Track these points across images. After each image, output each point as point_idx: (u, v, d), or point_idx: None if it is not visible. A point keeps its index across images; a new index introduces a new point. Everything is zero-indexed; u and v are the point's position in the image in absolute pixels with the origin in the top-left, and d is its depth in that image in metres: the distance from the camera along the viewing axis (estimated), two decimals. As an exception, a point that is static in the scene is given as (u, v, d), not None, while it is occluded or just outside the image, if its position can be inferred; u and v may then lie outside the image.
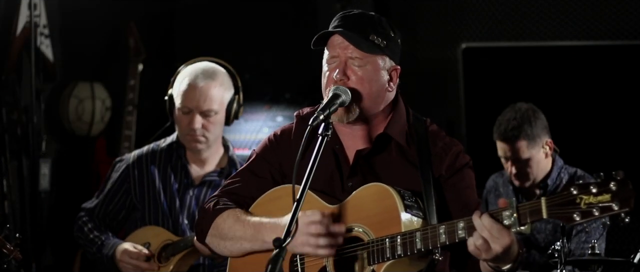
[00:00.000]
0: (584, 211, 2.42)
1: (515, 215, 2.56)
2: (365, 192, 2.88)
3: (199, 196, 4.14)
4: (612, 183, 2.39)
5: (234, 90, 4.16)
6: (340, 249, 2.87)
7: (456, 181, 2.98)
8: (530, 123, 4.41)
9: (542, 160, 4.46)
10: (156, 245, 4.07)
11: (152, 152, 4.22)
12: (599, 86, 5.61)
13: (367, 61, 2.93)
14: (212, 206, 3.08)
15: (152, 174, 4.16)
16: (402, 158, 3.00)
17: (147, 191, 4.15)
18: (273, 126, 5.75)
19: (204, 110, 4.06)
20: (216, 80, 4.09)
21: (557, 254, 3.61)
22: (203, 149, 4.14)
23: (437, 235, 2.70)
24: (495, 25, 5.94)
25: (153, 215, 4.13)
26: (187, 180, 4.16)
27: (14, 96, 5.64)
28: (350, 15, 3.00)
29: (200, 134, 4.09)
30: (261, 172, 3.11)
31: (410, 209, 2.81)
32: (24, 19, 5.52)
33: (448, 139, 3.04)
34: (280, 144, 3.12)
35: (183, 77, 4.13)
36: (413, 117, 3.08)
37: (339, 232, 2.86)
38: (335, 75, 2.93)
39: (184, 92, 4.09)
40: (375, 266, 2.81)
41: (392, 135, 3.00)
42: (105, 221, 4.21)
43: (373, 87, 2.95)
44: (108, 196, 4.21)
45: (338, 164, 3.03)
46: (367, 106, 2.96)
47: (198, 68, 4.13)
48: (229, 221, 3.02)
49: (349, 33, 2.92)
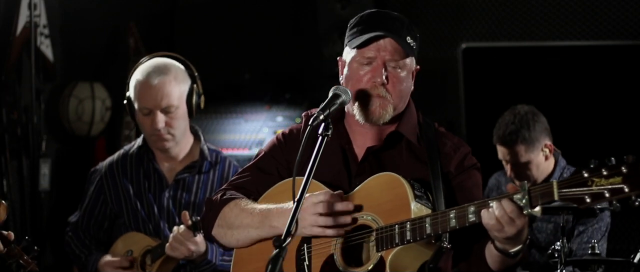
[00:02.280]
0: (595, 193, 2.43)
1: (527, 197, 2.58)
2: (375, 181, 2.90)
3: (175, 196, 4.09)
4: (624, 166, 2.41)
5: (190, 81, 4.07)
6: (348, 236, 2.88)
7: (464, 179, 3.00)
8: (528, 127, 4.39)
9: (541, 163, 4.45)
10: (138, 252, 4.06)
11: (123, 159, 4.17)
12: (599, 86, 5.61)
13: (403, 62, 2.99)
14: (219, 197, 3.10)
15: (125, 181, 4.11)
16: (412, 156, 3.02)
17: (123, 199, 4.11)
18: (273, 126, 5.75)
19: (164, 107, 3.98)
20: (169, 74, 4.00)
21: (557, 254, 3.62)
22: (171, 146, 4.07)
23: (447, 220, 2.72)
24: (495, 25, 5.94)
25: (133, 221, 4.09)
26: (160, 182, 4.10)
27: (14, 96, 5.64)
28: (387, 16, 3.03)
29: (165, 132, 4.01)
30: (268, 168, 3.12)
31: (419, 198, 2.83)
32: (24, 19, 5.52)
33: (457, 140, 3.08)
34: (289, 142, 3.13)
35: (136, 78, 4.05)
36: (423, 118, 3.12)
37: (347, 211, 2.87)
38: (378, 78, 2.94)
39: (139, 93, 4.02)
40: (384, 252, 2.81)
41: (404, 133, 3.03)
42: (90, 233, 4.18)
43: (405, 89, 3.01)
44: (87, 209, 4.18)
45: (346, 162, 3.04)
46: (400, 107, 3.01)
47: (149, 66, 4.05)
48: (235, 210, 3.03)
49: (397, 37, 2.96)
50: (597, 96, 5.60)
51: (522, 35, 5.89)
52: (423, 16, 6.13)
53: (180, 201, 4.07)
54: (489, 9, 5.95)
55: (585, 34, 5.75)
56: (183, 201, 4.07)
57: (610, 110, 5.58)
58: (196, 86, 4.08)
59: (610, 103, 5.58)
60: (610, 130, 5.55)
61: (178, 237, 3.85)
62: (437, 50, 6.11)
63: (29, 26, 5.51)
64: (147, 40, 6.07)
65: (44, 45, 5.66)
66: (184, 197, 4.07)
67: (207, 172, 4.10)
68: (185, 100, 4.04)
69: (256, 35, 6.18)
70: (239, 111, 5.96)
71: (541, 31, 5.85)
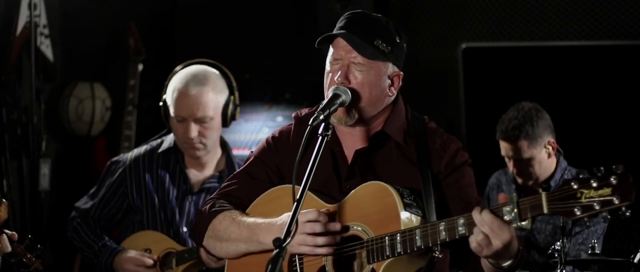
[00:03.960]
0: (585, 205, 2.42)
1: (516, 210, 2.56)
2: (364, 190, 2.88)
3: (198, 202, 4.09)
4: (613, 177, 2.39)
5: (228, 92, 4.08)
6: (340, 248, 2.87)
7: (456, 178, 2.97)
8: (532, 123, 4.39)
9: (544, 160, 4.44)
10: (157, 252, 4.04)
11: (150, 155, 4.16)
12: (599, 86, 5.60)
13: (370, 67, 2.93)
14: (208, 208, 3.08)
15: (150, 178, 4.11)
16: (401, 156, 3.00)
17: (145, 196, 4.10)
18: (273, 126, 5.75)
19: (199, 117, 4.00)
20: (208, 85, 4.01)
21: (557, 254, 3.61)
22: (202, 155, 4.09)
23: (437, 232, 2.70)
24: (495, 25, 5.94)
25: (152, 220, 4.09)
26: (185, 186, 4.11)
27: (14, 96, 5.63)
28: (356, 17, 2.99)
29: (198, 141, 4.03)
30: (258, 174, 3.11)
31: (409, 207, 2.81)
32: (24, 19, 5.52)
33: (446, 137, 3.04)
34: (279, 146, 3.12)
35: (174, 85, 4.05)
36: (411, 114, 3.07)
37: (337, 231, 2.85)
38: (337, 78, 2.93)
39: (176, 101, 4.02)
40: (375, 264, 2.81)
41: (389, 133, 3.00)
42: (100, 223, 4.16)
43: (373, 92, 2.95)
44: (104, 198, 4.15)
45: (336, 166, 3.03)
46: (366, 110, 2.96)
47: (189, 74, 4.04)
48: (224, 223, 3.02)
49: (353, 38, 2.91)
50: (597, 96, 5.60)
51: (522, 35, 5.89)
52: (423, 16, 6.13)
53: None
54: (489, 9, 5.95)
55: (585, 34, 5.75)
56: None
57: (610, 111, 5.57)
58: (233, 97, 4.09)
59: (610, 103, 5.58)
60: (610, 131, 5.54)
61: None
62: (437, 50, 6.11)
63: (29, 26, 5.51)
64: (147, 40, 6.07)
65: (44, 45, 5.65)
66: None
67: None
68: (221, 111, 4.04)
69: (256, 35, 6.18)
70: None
71: (541, 31, 5.85)
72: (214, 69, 4.11)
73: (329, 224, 2.85)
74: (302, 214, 2.83)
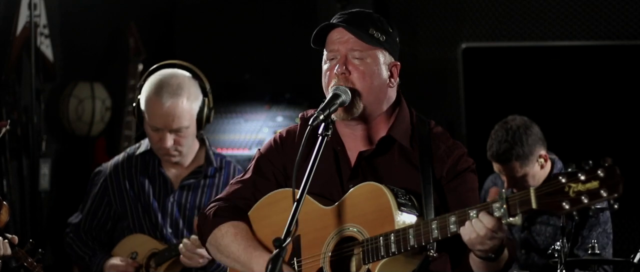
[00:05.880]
0: (573, 198, 2.42)
1: (505, 206, 2.57)
2: (359, 191, 2.88)
3: (180, 200, 4.09)
4: (600, 170, 2.39)
5: (202, 96, 4.02)
6: (336, 249, 2.88)
7: (457, 184, 2.97)
8: (521, 143, 4.31)
9: (537, 172, 4.38)
10: (143, 254, 4.06)
11: (128, 161, 4.15)
12: (599, 86, 5.61)
13: (367, 54, 2.93)
14: (212, 214, 3.08)
15: (130, 184, 4.10)
16: (404, 160, 2.99)
17: (127, 201, 4.10)
18: (273, 126, 5.75)
19: (174, 129, 3.96)
20: (182, 95, 3.94)
21: (557, 255, 3.61)
22: (178, 161, 4.07)
23: (429, 231, 2.71)
24: (495, 25, 5.94)
25: (137, 224, 4.09)
26: (165, 186, 4.10)
27: (14, 96, 5.63)
28: (348, 12, 3.01)
29: (173, 150, 4.00)
30: (264, 173, 3.11)
31: (403, 206, 2.81)
32: (24, 19, 5.52)
33: (451, 142, 3.02)
34: (285, 145, 3.11)
35: (148, 93, 3.98)
36: (417, 118, 3.07)
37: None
38: (337, 69, 2.92)
39: (150, 110, 3.96)
40: (370, 264, 2.81)
41: (396, 137, 2.99)
42: (92, 234, 4.18)
43: (374, 82, 2.94)
44: (91, 210, 4.17)
45: (338, 165, 3.02)
46: (370, 102, 2.94)
47: (163, 82, 3.96)
48: (226, 238, 3.02)
49: (348, 26, 2.93)
50: (597, 96, 5.60)
51: (522, 35, 5.89)
52: (423, 16, 6.13)
53: (185, 206, 4.08)
54: (489, 9, 5.95)
55: (585, 34, 5.75)
56: (188, 206, 4.07)
57: (610, 111, 5.58)
58: (207, 100, 4.04)
59: (610, 103, 5.58)
60: (610, 131, 5.55)
61: (190, 246, 3.86)
62: (437, 50, 6.11)
63: (29, 26, 5.51)
64: (147, 40, 6.07)
65: (44, 45, 5.66)
66: (189, 202, 4.08)
67: (213, 177, 4.10)
68: (196, 117, 4.01)
69: (256, 35, 6.18)
70: (238, 111, 5.96)
71: (541, 31, 5.85)
72: (187, 73, 4.04)
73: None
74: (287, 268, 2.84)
